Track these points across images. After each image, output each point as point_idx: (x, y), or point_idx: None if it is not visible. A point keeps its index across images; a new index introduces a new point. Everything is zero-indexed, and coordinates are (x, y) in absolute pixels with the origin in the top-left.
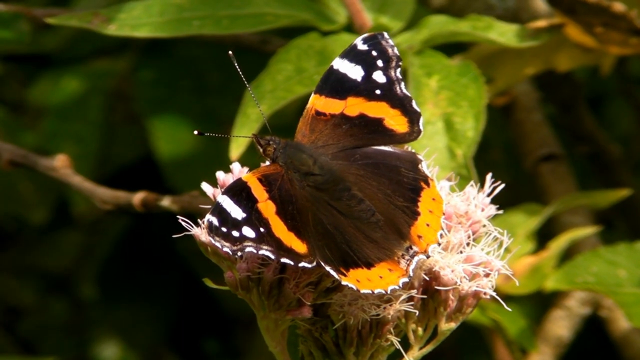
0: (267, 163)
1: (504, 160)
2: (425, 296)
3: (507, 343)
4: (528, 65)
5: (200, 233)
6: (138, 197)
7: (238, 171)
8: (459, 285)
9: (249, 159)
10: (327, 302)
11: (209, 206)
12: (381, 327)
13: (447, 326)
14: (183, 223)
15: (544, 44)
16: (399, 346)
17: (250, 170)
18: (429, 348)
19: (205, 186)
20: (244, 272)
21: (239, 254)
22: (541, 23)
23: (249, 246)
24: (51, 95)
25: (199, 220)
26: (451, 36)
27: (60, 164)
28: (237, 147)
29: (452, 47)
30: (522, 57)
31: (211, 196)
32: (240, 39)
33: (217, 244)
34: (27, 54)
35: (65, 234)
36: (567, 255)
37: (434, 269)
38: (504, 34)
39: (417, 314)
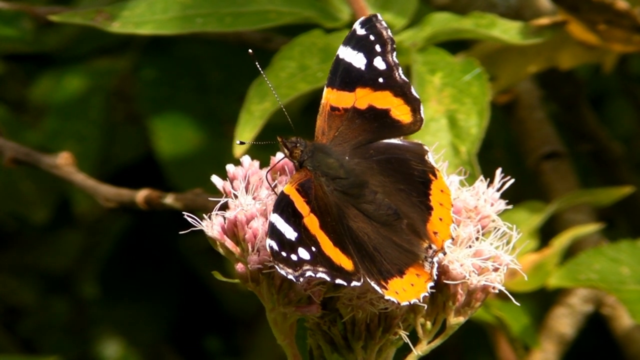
0: (279, 156)
1: (506, 158)
2: (434, 290)
3: (510, 340)
4: (530, 63)
5: (208, 228)
6: (141, 195)
7: (248, 164)
8: (468, 279)
9: (254, 156)
10: (336, 296)
11: (217, 199)
12: (390, 320)
13: (455, 320)
14: (189, 219)
15: (547, 41)
16: (407, 340)
17: (261, 164)
18: (437, 342)
19: (215, 179)
20: (255, 264)
21: (302, 280)
22: (544, 20)
23: (308, 270)
24: (53, 94)
25: (208, 214)
26: (454, 33)
27: (63, 161)
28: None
29: (454, 45)
30: (525, 55)
31: (221, 189)
32: (243, 37)
33: (282, 272)
34: (28, 53)
35: (66, 234)
36: (570, 253)
37: (443, 263)
38: (507, 31)
39: (425, 307)
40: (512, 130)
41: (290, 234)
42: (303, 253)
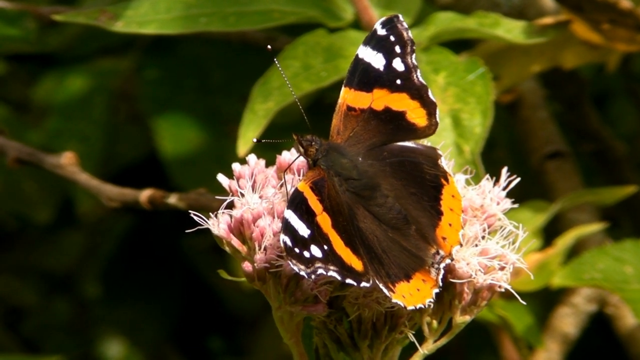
0: (284, 154)
1: (509, 157)
2: (440, 289)
3: (514, 340)
4: (534, 63)
5: (215, 226)
6: (145, 195)
7: (254, 163)
8: (474, 278)
9: (257, 155)
10: (342, 294)
11: (223, 198)
12: (396, 319)
13: (461, 319)
14: (196, 218)
15: (550, 41)
16: (413, 339)
17: (266, 162)
18: (443, 341)
19: (221, 178)
20: (262, 263)
21: (313, 277)
22: (548, 20)
23: (320, 267)
24: (55, 94)
25: (214, 213)
26: (458, 33)
27: (66, 161)
28: (244, 143)
29: (458, 45)
30: (528, 54)
31: (227, 188)
32: (247, 37)
33: (295, 268)
34: (31, 53)
35: (68, 233)
36: (574, 252)
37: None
38: (510, 30)
39: (431, 306)
40: (516, 130)
41: (304, 230)
42: (315, 251)
